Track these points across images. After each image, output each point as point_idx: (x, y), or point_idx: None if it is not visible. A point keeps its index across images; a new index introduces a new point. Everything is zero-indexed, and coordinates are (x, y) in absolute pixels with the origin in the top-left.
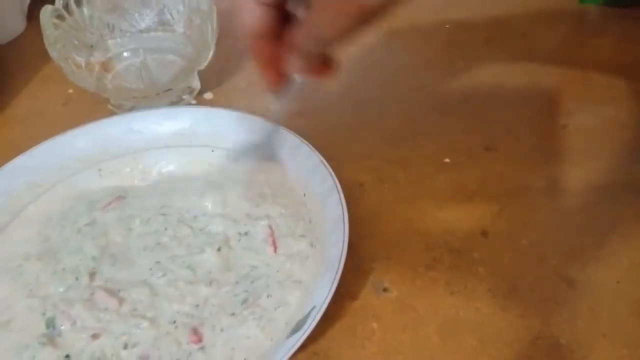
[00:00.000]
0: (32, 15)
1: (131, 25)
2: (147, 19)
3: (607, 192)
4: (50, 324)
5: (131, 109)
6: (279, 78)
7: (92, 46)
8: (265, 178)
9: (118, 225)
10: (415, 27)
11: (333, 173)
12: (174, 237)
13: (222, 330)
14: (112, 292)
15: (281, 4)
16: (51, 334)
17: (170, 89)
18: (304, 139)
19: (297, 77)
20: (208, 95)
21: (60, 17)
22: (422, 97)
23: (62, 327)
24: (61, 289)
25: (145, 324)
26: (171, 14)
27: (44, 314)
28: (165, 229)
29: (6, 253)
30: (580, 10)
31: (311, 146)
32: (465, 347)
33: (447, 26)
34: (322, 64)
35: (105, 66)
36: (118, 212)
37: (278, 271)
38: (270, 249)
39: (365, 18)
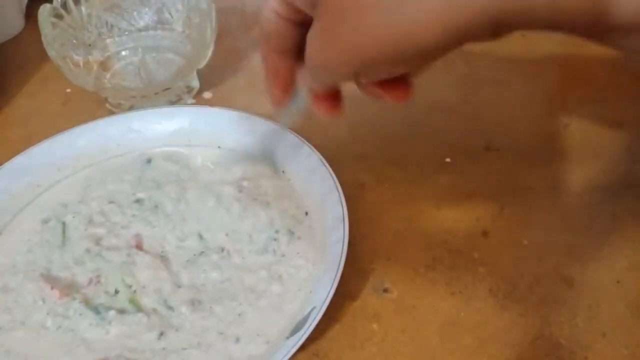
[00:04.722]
0: (30, 13)
1: (130, 24)
2: (146, 17)
3: (607, 192)
4: None
5: (130, 108)
6: (286, 95)
7: (90, 45)
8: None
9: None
10: None
11: (333, 173)
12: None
13: None
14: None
15: (304, 22)
16: None
17: (169, 88)
18: (304, 139)
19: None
20: (207, 95)
21: (58, 15)
22: (422, 97)
23: None
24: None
25: None
26: (170, 13)
27: None
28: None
29: (5, 253)
30: None
31: (311, 146)
32: (465, 347)
33: None
34: (331, 100)
35: (104, 65)
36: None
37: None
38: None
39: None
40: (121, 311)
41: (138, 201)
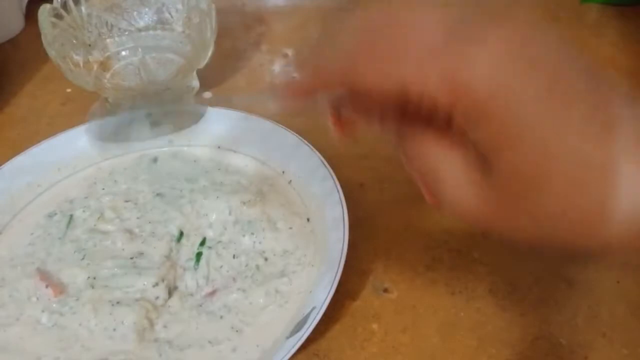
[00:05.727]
0: (31, 13)
1: (130, 24)
2: (146, 17)
3: None
4: None
5: (130, 108)
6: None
7: (90, 45)
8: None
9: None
10: None
11: (333, 173)
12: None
13: None
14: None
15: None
16: None
17: (169, 88)
18: (304, 139)
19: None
20: (207, 95)
21: (58, 15)
22: None
23: None
24: None
25: None
26: (170, 13)
27: None
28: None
29: (6, 248)
30: (580, 10)
31: (311, 146)
32: (465, 347)
33: None
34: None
35: (104, 65)
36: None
37: None
38: None
39: None
40: (110, 312)
41: (159, 195)
